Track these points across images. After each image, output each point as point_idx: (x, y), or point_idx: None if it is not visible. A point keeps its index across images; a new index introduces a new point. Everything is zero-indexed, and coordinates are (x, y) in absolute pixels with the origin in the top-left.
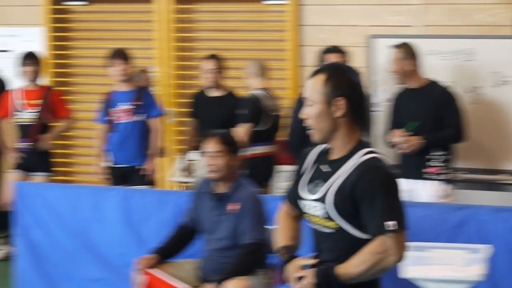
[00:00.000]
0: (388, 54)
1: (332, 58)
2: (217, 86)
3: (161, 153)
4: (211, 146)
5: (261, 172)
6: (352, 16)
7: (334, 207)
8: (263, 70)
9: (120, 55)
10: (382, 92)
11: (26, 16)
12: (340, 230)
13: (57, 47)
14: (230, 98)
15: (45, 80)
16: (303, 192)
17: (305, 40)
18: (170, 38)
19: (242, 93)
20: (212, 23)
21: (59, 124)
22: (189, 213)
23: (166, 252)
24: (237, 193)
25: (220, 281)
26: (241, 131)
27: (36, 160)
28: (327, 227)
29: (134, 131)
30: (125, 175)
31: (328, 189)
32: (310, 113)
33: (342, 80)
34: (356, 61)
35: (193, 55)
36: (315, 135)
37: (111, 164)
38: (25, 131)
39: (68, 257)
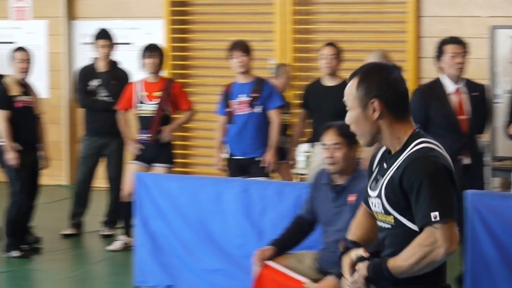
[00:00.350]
0: (510, 45)
1: (452, 49)
2: (334, 73)
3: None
4: (329, 138)
5: None
6: (474, 7)
7: (387, 200)
8: (386, 61)
9: (240, 46)
10: (503, 83)
11: (147, 9)
12: (397, 224)
13: (177, 40)
14: (345, 87)
15: (164, 72)
16: (369, 190)
17: (425, 31)
18: (289, 30)
19: None
20: (331, 15)
21: (180, 116)
22: (307, 205)
23: (284, 244)
24: (355, 185)
25: (339, 273)
26: None
27: (157, 152)
28: (387, 222)
29: (252, 123)
30: (243, 167)
31: (383, 184)
32: (350, 119)
33: (373, 80)
34: (477, 52)
35: (312, 47)
36: (360, 140)
37: (228, 156)
38: (147, 122)
39: (188, 247)
